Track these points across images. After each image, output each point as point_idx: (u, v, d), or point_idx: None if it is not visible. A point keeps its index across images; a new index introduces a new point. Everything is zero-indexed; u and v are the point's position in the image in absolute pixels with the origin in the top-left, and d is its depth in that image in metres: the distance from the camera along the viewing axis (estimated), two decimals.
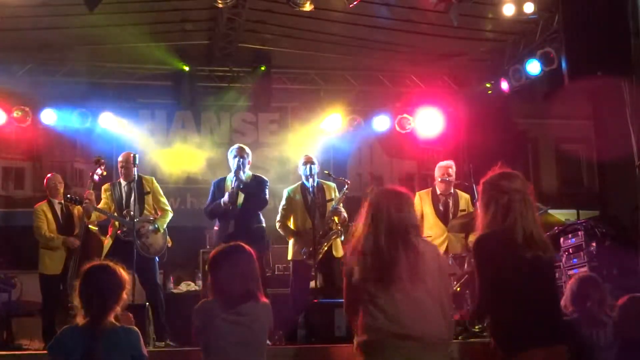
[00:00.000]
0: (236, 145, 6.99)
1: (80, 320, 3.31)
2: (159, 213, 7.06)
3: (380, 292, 3.28)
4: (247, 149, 6.93)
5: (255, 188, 6.81)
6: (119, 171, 7.02)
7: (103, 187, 7.14)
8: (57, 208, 7.28)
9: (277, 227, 7.13)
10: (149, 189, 7.02)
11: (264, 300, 3.59)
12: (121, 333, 3.32)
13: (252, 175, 6.97)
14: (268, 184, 7.00)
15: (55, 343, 3.35)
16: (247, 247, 3.63)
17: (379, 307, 3.27)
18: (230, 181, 6.78)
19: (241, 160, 6.73)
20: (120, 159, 7.04)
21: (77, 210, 7.30)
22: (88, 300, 3.30)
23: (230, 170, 6.89)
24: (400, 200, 3.47)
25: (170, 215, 7.11)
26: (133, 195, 6.79)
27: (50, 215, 7.22)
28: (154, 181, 7.18)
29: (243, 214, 6.71)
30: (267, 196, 6.94)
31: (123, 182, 7.00)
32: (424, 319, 3.27)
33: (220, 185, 6.95)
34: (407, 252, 3.32)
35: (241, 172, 6.69)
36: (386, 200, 3.45)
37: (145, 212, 6.96)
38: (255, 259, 3.63)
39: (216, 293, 3.50)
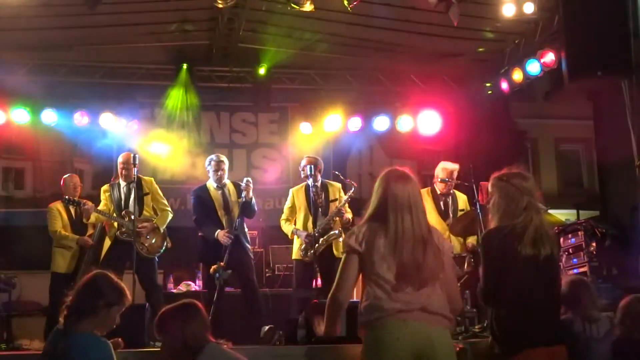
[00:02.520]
0: (217, 158, 7.01)
1: (61, 321, 3.40)
2: (159, 214, 7.06)
3: (386, 273, 3.25)
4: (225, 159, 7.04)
5: (240, 195, 6.85)
6: (119, 172, 7.01)
7: (102, 188, 7.15)
8: (72, 208, 7.38)
9: (281, 225, 7.19)
10: (148, 190, 7.02)
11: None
12: (91, 341, 3.32)
13: (232, 183, 7.04)
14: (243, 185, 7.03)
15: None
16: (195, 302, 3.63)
17: (382, 288, 3.25)
18: (215, 192, 6.89)
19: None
20: (120, 159, 7.03)
21: None
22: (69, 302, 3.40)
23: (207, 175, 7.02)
24: (409, 182, 3.43)
25: (169, 215, 7.12)
26: (132, 196, 6.80)
27: (64, 215, 7.35)
28: (153, 182, 7.17)
29: (239, 221, 6.81)
30: (253, 201, 6.89)
31: (122, 183, 6.99)
32: (428, 297, 3.23)
33: (204, 191, 6.99)
34: (416, 239, 3.29)
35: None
36: (394, 182, 3.41)
37: (144, 212, 6.96)
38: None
39: (201, 342, 3.45)
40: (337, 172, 7.64)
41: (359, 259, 3.33)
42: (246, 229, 7.06)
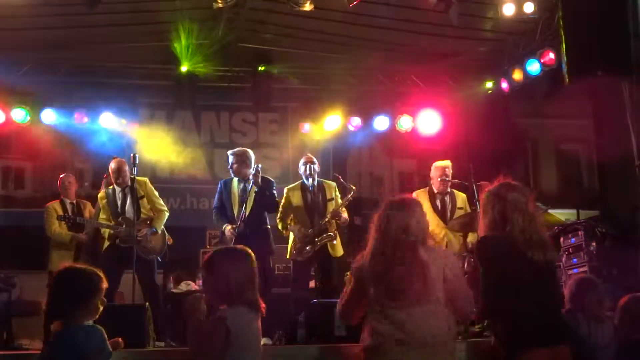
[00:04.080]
0: (232, 152, 6.96)
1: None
2: (155, 214, 7.04)
3: (385, 302, 3.40)
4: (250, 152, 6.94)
5: (264, 190, 6.76)
6: (112, 178, 6.99)
7: (99, 195, 7.16)
8: (69, 207, 7.46)
9: (277, 224, 7.17)
10: (142, 193, 6.95)
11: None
12: (81, 333, 3.30)
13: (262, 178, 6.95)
14: (274, 184, 6.97)
15: None
16: (247, 250, 3.56)
17: (384, 314, 3.39)
18: (237, 186, 6.80)
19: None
20: (112, 166, 6.98)
21: (87, 210, 7.48)
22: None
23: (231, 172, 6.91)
24: (407, 211, 3.55)
25: (166, 214, 7.09)
26: (129, 201, 6.79)
27: (61, 214, 7.35)
28: (147, 183, 7.12)
29: (252, 215, 6.68)
30: (277, 197, 6.89)
31: (117, 189, 6.97)
32: (426, 327, 3.36)
33: (227, 184, 6.93)
34: (412, 268, 3.40)
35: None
36: (392, 214, 3.54)
37: (142, 216, 6.92)
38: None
39: (236, 298, 3.33)
40: (337, 175, 7.65)
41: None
42: (267, 226, 6.89)
